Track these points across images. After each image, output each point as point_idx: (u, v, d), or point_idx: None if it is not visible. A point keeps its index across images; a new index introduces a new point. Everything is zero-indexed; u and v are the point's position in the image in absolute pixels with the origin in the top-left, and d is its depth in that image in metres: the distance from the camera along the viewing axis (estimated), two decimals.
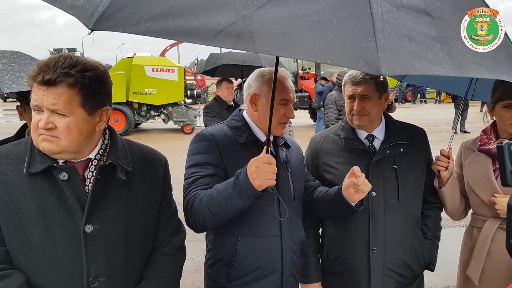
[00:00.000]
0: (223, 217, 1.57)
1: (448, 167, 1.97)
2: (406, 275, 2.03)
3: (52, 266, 1.25)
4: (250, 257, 1.73)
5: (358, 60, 1.10)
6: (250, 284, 1.75)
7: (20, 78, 2.50)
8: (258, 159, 1.49)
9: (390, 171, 1.97)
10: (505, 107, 1.94)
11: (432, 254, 2.11)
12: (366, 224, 1.95)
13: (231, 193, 1.51)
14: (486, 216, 2.02)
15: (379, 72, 1.07)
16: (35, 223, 1.23)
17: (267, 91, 1.74)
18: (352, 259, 2.01)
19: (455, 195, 2.05)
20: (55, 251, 1.25)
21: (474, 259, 2.02)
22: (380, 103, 2.01)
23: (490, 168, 1.99)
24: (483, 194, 2.00)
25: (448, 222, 5.14)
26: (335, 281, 2.12)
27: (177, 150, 10.41)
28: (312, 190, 1.97)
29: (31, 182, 1.24)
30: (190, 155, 1.76)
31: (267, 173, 1.46)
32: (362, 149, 2.01)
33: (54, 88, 1.19)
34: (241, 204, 1.52)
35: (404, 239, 2.00)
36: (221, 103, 5.06)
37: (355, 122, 2.02)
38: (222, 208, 1.54)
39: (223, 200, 1.53)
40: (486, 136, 2.05)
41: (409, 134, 2.07)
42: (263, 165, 1.46)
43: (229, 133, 1.79)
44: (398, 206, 1.96)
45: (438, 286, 3.93)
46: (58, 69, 1.19)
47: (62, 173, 1.25)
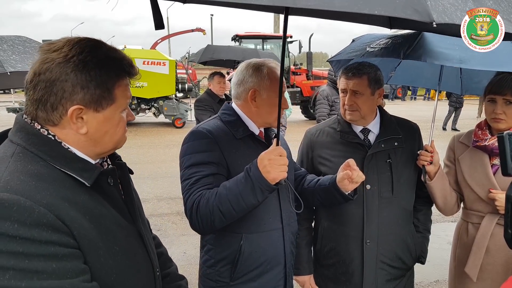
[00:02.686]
0: (234, 215, 1.51)
1: (432, 162, 1.99)
2: (399, 267, 2.05)
3: (138, 274, 1.16)
4: (255, 253, 1.71)
5: (406, 8, 1.06)
6: (255, 279, 1.73)
7: (26, 59, 2.57)
8: (270, 152, 1.46)
9: (385, 164, 1.99)
10: (488, 101, 1.98)
11: (423, 247, 2.14)
12: (361, 216, 1.97)
13: (243, 190, 1.46)
14: (482, 212, 2.03)
15: (431, 19, 1.03)
16: (117, 236, 1.09)
17: (268, 86, 1.70)
18: (345, 252, 2.02)
19: (445, 190, 2.06)
20: (136, 258, 1.16)
21: (472, 256, 2.02)
22: (372, 99, 2.01)
23: (487, 165, 2.00)
24: (480, 190, 2.00)
25: (438, 217, 5.22)
26: (327, 273, 2.13)
27: (168, 144, 10.37)
28: (301, 179, 1.98)
29: (92, 193, 1.08)
30: (187, 154, 1.66)
31: (281, 166, 1.44)
32: (357, 142, 2.02)
33: None
34: (255, 200, 1.47)
35: (397, 232, 2.02)
36: (213, 96, 5.06)
37: (347, 117, 2.04)
38: (234, 206, 1.47)
39: (234, 197, 1.47)
40: (481, 131, 2.05)
41: (404, 129, 2.09)
42: (276, 158, 1.44)
43: (225, 128, 1.72)
44: (392, 199, 1.98)
45: (427, 280, 3.98)
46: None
47: (109, 178, 1.12)
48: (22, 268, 0.86)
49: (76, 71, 0.98)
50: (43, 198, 0.92)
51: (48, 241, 0.89)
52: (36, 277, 0.87)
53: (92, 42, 1.03)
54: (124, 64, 1.08)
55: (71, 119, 1.01)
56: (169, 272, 1.42)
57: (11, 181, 0.91)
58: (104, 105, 1.04)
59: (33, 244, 0.87)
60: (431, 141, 2.06)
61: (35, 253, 0.87)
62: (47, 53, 1.00)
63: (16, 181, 0.92)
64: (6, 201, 0.87)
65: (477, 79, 2.66)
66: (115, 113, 1.08)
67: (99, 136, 1.07)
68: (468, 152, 2.09)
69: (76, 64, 0.98)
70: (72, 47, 1.00)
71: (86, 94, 1.00)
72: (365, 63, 2.01)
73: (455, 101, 14.08)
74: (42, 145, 1.00)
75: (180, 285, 1.41)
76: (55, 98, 0.99)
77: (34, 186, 0.93)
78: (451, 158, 2.18)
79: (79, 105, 1.00)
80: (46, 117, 1.01)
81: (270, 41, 16.96)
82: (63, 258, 0.91)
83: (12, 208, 0.87)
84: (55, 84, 0.97)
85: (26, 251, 0.87)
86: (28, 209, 0.88)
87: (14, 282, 0.85)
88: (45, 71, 0.97)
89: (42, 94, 0.99)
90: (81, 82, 0.99)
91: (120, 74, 1.07)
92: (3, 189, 0.89)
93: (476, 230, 2.04)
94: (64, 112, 1.00)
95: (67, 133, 1.03)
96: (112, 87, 1.05)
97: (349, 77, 1.97)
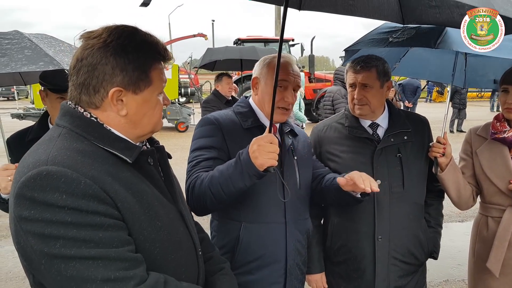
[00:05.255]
0: (224, 198, 1.53)
1: (444, 153, 1.96)
2: (411, 263, 2.02)
3: (180, 251, 1.19)
4: (253, 244, 1.71)
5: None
6: (254, 273, 1.73)
7: (60, 53, 2.62)
8: (260, 138, 1.48)
9: (395, 159, 1.96)
10: (502, 91, 1.98)
11: (435, 242, 2.11)
12: (371, 212, 1.94)
13: (233, 173, 1.49)
14: (503, 205, 1.99)
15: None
16: (159, 212, 1.12)
17: (265, 74, 1.76)
18: (357, 248, 1.99)
19: (458, 182, 2.02)
20: (178, 235, 1.19)
21: (494, 250, 1.97)
22: (381, 92, 1.99)
23: (507, 156, 1.98)
24: (500, 182, 1.97)
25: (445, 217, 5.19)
26: (338, 271, 2.10)
27: (171, 148, 10.36)
28: (321, 178, 1.92)
29: (134, 171, 1.12)
30: (194, 139, 1.76)
31: (269, 152, 1.44)
32: (366, 137, 2.00)
33: None
34: (242, 184, 1.49)
35: (409, 227, 1.99)
36: (220, 97, 5.12)
37: (357, 111, 2.01)
38: (223, 188, 1.50)
39: (224, 180, 1.50)
40: (499, 123, 2.03)
41: (413, 123, 2.06)
42: (265, 144, 1.45)
43: (234, 118, 1.78)
44: (403, 194, 1.95)
45: (437, 279, 3.93)
46: None
47: (149, 158, 1.17)
48: (71, 237, 0.90)
49: (115, 54, 1.04)
50: (88, 171, 0.97)
51: (94, 211, 0.94)
52: (84, 245, 0.91)
53: (128, 28, 1.09)
54: (159, 48, 1.12)
55: (112, 101, 1.06)
56: (211, 255, 1.45)
57: (58, 156, 0.96)
58: (142, 87, 1.09)
59: (80, 214, 0.92)
60: (443, 133, 2.03)
61: (82, 223, 0.92)
62: (88, 40, 1.06)
63: (63, 156, 0.97)
64: (55, 173, 0.92)
65: (482, 72, 2.62)
66: (152, 96, 1.13)
67: (138, 118, 1.12)
68: (487, 145, 2.06)
69: (115, 48, 1.03)
70: (111, 33, 1.05)
71: (125, 76, 1.05)
72: (372, 56, 1.99)
73: (458, 102, 13.98)
74: (86, 126, 1.05)
75: (223, 267, 1.43)
76: (97, 81, 1.04)
77: (80, 161, 0.98)
78: (468, 152, 2.15)
79: (119, 87, 1.05)
80: (89, 100, 1.06)
81: (272, 44, 16.94)
82: (109, 228, 0.95)
83: (60, 179, 0.92)
84: (97, 68, 1.03)
85: (74, 220, 0.91)
86: (75, 180, 0.93)
87: (64, 250, 0.89)
88: (87, 56, 1.03)
89: (85, 78, 1.04)
90: (120, 65, 1.04)
91: (155, 57, 1.11)
92: (51, 163, 0.94)
93: (496, 224, 2.00)
94: (105, 94, 1.05)
95: (108, 115, 1.08)
96: (149, 70, 1.09)
97: (357, 70, 1.95)
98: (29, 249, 0.92)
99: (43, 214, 0.90)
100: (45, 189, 0.90)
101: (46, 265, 0.91)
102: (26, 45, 2.63)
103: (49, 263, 0.90)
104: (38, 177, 0.91)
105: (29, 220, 0.90)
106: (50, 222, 0.90)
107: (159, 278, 1.04)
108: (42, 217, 0.89)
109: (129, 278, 0.95)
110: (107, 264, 0.93)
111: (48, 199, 0.90)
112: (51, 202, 0.90)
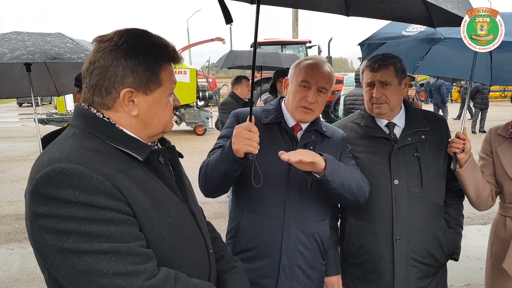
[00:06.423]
0: (214, 179, 1.67)
1: (464, 149, 1.91)
2: (431, 264, 1.97)
3: (191, 248, 1.19)
4: (250, 233, 1.79)
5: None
6: (249, 261, 1.77)
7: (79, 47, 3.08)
8: (239, 125, 1.57)
9: (412, 158, 1.92)
10: None
11: (456, 243, 2.05)
12: (390, 213, 1.90)
13: (219, 157, 1.63)
14: None
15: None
16: (170, 209, 1.14)
17: (292, 74, 1.85)
18: (375, 249, 1.96)
19: (476, 180, 1.97)
20: (189, 233, 1.21)
21: (511, 251, 1.93)
22: (400, 90, 1.96)
23: None
24: None
25: (466, 219, 5.06)
26: (356, 273, 2.07)
27: (190, 151, 10.45)
28: None
29: (145, 169, 1.14)
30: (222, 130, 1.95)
31: (245, 139, 1.51)
32: (383, 137, 1.97)
33: None
34: (223, 168, 1.60)
35: (428, 228, 1.94)
36: (237, 99, 5.18)
37: (375, 111, 1.98)
38: (214, 170, 1.65)
39: (214, 163, 1.66)
40: None
41: (430, 121, 2.02)
42: (243, 132, 1.53)
43: (258, 114, 1.87)
44: (422, 194, 1.91)
45: (458, 283, 3.84)
46: None
47: (160, 157, 1.20)
48: (84, 231, 0.93)
49: (126, 56, 1.07)
50: (100, 168, 1.00)
51: (106, 207, 0.96)
52: (96, 240, 0.93)
53: (138, 31, 1.13)
54: (169, 49, 1.15)
55: (123, 102, 1.09)
56: (223, 254, 1.46)
57: (71, 154, 1.00)
58: (152, 88, 1.12)
59: (93, 209, 0.94)
60: (463, 128, 1.98)
61: (94, 218, 0.94)
62: (100, 43, 1.09)
63: (76, 154, 1.00)
64: (68, 170, 0.95)
65: (508, 68, 2.54)
66: (163, 97, 1.15)
67: (149, 119, 1.14)
68: (508, 144, 2.02)
69: (125, 50, 1.06)
70: (121, 36, 1.09)
71: (135, 77, 1.08)
72: (388, 54, 1.97)
73: (480, 102, 13.63)
74: (99, 126, 1.09)
75: (235, 266, 1.43)
76: (109, 83, 1.07)
77: (92, 158, 1.01)
78: (487, 151, 2.11)
79: (129, 88, 1.08)
80: (101, 101, 1.10)
81: (289, 47, 16.92)
82: (120, 223, 0.98)
83: (73, 176, 0.95)
84: (108, 70, 1.06)
85: (87, 216, 0.93)
86: (87, 177, 0.96)
87: (77, 245, 0.92)
88: (99, 59, 1.07)
89: (97, 79, 1.08)
90: (130, 66, 1.07)
91: (165, 58, 1.14)
92: (64, 160, 0.97)
93: None
94: (117, 95, 1.09)
95: (120, 115, 1.12)
96: (159, 71, 1.12)
97: (375, 69, 1.93)
98: (43, 245, 0.95)
99: (57, 210, 0.92)
100: (59, 186, 0.93)
101: (59, 260, 0.93)
102: (68, 41, 3.06)
103: (63, 257, 0.93)
104: (52, 174, 0.94)
105: (43, 216, 0.93)
106: (64, 217, 0.92)
107: (169, 273, 1.05)
108: (56, 213, 0.92)
109: (140, 272, 0.97)
110: (118, 258, 0.95)
111: (62, 195, 0.92)
112: (64, 198, 0.92)
